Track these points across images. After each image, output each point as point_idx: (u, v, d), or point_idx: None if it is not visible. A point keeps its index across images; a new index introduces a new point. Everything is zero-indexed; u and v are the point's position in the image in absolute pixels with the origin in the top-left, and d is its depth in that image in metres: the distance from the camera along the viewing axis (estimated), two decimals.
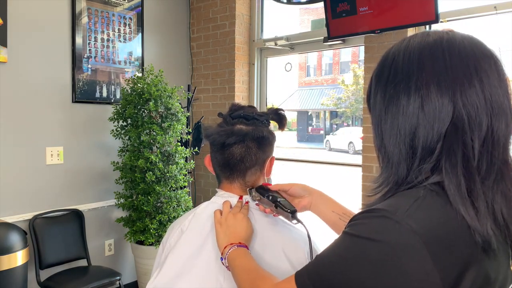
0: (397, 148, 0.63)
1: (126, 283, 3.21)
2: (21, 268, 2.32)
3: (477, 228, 0.56)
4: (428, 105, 0.60)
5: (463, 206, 0.57)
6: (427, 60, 0.61)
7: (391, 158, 0.64)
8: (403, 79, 0.63)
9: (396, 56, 0.65)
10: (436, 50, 0.62)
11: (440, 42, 0.62)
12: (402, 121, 0.62)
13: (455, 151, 0.59)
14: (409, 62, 0.63)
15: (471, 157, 0.58)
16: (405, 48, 0.65)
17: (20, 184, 2.67)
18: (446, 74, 0.60)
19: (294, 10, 10.43)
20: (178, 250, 0.96)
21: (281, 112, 1.06)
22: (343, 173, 9.90)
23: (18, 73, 2.64)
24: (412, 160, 0.62)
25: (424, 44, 0.63)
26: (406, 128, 0.62)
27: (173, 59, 3.61)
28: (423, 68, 0.61)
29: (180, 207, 2.91)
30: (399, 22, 2.38)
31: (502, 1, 2.24)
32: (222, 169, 1.02)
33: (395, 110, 0.63)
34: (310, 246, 0.91)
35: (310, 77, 19.02)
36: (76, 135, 2.94)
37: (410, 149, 0.62)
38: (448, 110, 0.59)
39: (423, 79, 0.61)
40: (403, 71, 0.63)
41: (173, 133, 2.86)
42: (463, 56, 0.60)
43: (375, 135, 0.68)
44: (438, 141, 0.60)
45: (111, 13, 3.11)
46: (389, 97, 0.64)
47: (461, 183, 0.58)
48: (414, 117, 0.61)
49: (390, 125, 0.64)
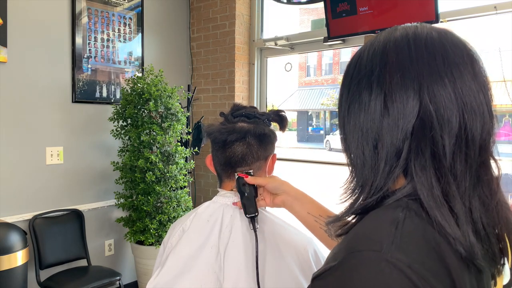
0: (360, 149, 0.57)
1: (126, 283, 3.21)
2: (21, 268, 2.32)
3: (458, 236, 0.49)
4: (392, 100, 0.54)
5: (439, 211, 0.50)
6: (391, 52, 0.56)
7: (355, 161, 0.58)
8: (365, 74, 0.57)
9: (362, 53, 0.60)
10: (400, 42, 0.56)
11: (406, 35, 0.57)
12: (364, 119, 0.56)
13: (423, 149, 0.52)
14: (373, 56, 0.57)
15: (442, 156, 0.52)
16: (371, 43, 0.60)
17: (20, 184, 2.67)
18: (410, 67, 0.54)
19: (294, 10, 10.41)
20: (179, 250, 0.96)
21: (282, 113, 1.06)
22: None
23: (18, 73, 2.64)
24: (378, 162, 0.55)
25: (390, 37, 0.58)
26: (369, 126, 0.56)
27: (173, 59, 3.61)
28: (387, 61, 0.55)
29: (180, 207, 2.91)
30: (399, 22, 2.35)
31: (502, 1, 2.24)
32: (224, 167, 1.02)
33: (357, 107, 0.57)
34: (256, 256, 0.89)
35: (310, 77, 19.02)
36: (76, 135, 2.94)
37: (374, 150, 0.55)
38: (413, 105, 0.53)
39: (386, 73, 0.55)
40: (366, 66, 0.57)
41: (173, 133, 2.86)
42: (429, 47, 0.54)
43: (340, 139, 0.62)
44: (405, 140, 0.53)
45: (111, 13, 3.11)
46: (351, 95, 0.59)
47: (433, 185, 0.51)
48: (377, 114, 0.55)
49: (353, 124, 0.58)
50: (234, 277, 0.90)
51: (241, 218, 0.98)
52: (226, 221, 0.98)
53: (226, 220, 0.98)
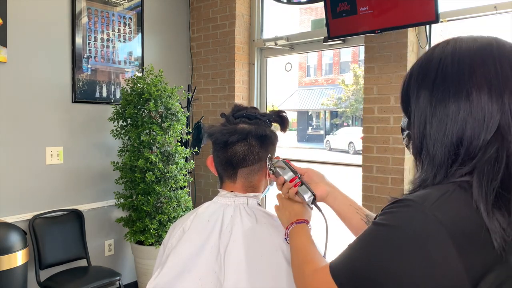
0: (441, 151, 0.64)
1: (126, 283, 3.21)
2: (21, 268, 2.32)
3: (495, 230, 0.57)
4: (477, 112, 0.61)
5: (485, 205, 0.58)
6: (478, 66, 0.62)
7: (434, 160, 0.65)
8: (452, 84, 0.63)
9: (443, 59, 0.65)
10: (487, 57, 0.62)
11: (491, 49, 0.63)
12: (450, 126, 0.63)
13: (497, 158, 0.60)
14: (459, 67, 0.63)
15: (508, 166, 0.60)
16: (452, 52, 0.65)
17: (20, 184, 2.67)
18: (497, 82, 0.61)
19: (294, 10, 10.42)
20: (179, 250, 0.96)
21: (283, 114, 1.07)
22: (343, 173, 9.91)
23: (18, 73, 2.64)
24: (453, 164, 0.63)
25: (475, 50, 0.64)
26: (453, 133, 0.63)
27: (173, 59, 3.61)
28: (474, 74, 0.62)
29: (180, 207, 2.91)
30: (399, 22, 2.38)
31: (502, 1, 2.24)
32: (225, 168, 1.02)
33: (443, 114, 0.64)
34: (326, 237, 0.90)
35: (310, 77, 19.03)
36: (76, 135, 2.94)
37: (454, 154, 0.63)
38: (496, 119, 0.60)
39: (474, 85, 0.61)
40: (453, 76, 0.63)
41: (173, 133, 2.85)
42: None
43: (415, 137, 0.68)
44: (481, 148, 0.61)
45: (111, 13, 3.11)
46: (436, 101, 0.65)
47: (490, 187, 0.59)
48: (463, 123, 0.62)
49: (436, 128, 0.64)
50: (234, 277, 0.90)
51: (242, 219, 0.98)
52: (226, 221, 0.98)
53: (227, 220, 0.98)
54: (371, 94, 2.66)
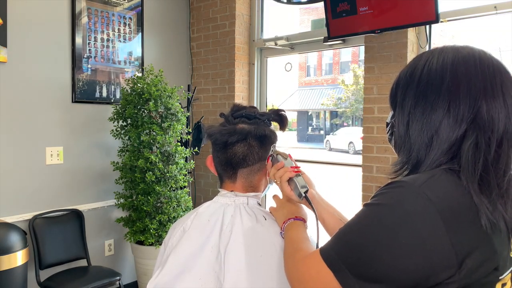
0: (420, 137, 0.71)
1: (126, 283, 3.21)
2: (21, 268, 2.32)
3: (483, 210, 0.62)
4: (455, 106, 0.68)
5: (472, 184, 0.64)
6: (459, 66, 0.70)
7: (414, 144, 0.72)
8: (436, 80, 0.70)
9: (430, 59, 0.73)
10: (469, 60, 0.70)
11: (473, 54, 0.71)
12: (427, 116, 0.70)
13: (477, 143, 0.66)
14: (443, 66, 0.71)
15: (487, 152, 0.66)
16: (438, 54, 0.73)
17: (20, 184, 2.67)
18: (476, 81, 0.68)
19: (294, 10, 10.42)
20: (179, 250, 0.96)
21: (282, 113, 1.07)
22: (343, 173, 9.91)
23: (18, 73, 2.64)
24: (431, 147, 0.70)
25: (458, 53, 0.72)
26: (432, 123, 0.70)
27: (173, 59, 3.61)
28: (456, 72, 0.69)
29: (180, 207, 2.91)
30: (399, 22, 2.38)
31: (502, 1, 2.25)
32: (225, 168, 1.02)
33: (425, 106, 0.71)
34: (317, 230, 0.90)
35: (310, 77, 19.03)
36: (76, 135, 2.94)
37: (432, 139, 0.70)
38: (472, 112, 0.67)
39: (455, 83, 0.69)
40: (437, 73, 0.71)
41: (173, 133, 2.86)
42: (490, 70, 0.69)
43: (400, 125, 0.75)
44: (458, 137, 0.68)
45: (111, 13, 3.11)
46: (419, 95, 0.72)
47: (475, 169, 0.65)
48: (440, 114, 0.69)
49: (419, 118, 0.71)
50: (234, 277, 0.90)
51: (242, 218, 0.98)
52: (226, 221, 0.98)
53: (227, 220, 0.98)
54: (371, 94, 2.66)
